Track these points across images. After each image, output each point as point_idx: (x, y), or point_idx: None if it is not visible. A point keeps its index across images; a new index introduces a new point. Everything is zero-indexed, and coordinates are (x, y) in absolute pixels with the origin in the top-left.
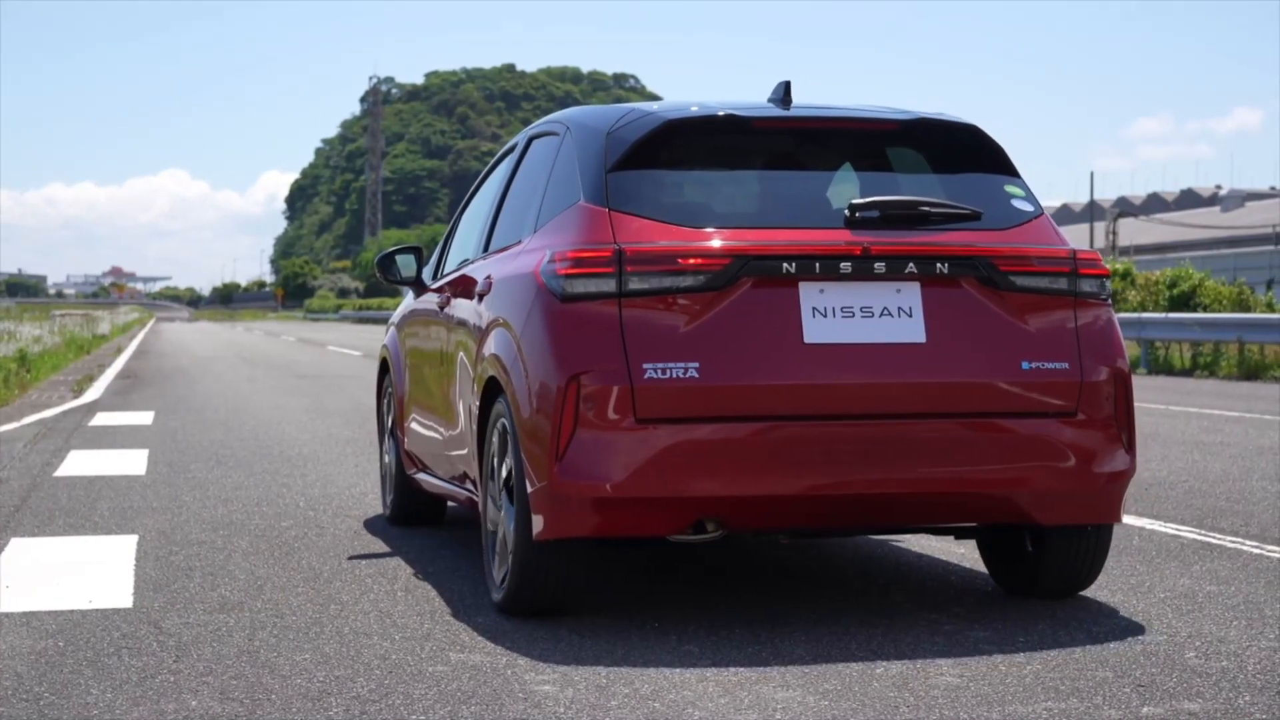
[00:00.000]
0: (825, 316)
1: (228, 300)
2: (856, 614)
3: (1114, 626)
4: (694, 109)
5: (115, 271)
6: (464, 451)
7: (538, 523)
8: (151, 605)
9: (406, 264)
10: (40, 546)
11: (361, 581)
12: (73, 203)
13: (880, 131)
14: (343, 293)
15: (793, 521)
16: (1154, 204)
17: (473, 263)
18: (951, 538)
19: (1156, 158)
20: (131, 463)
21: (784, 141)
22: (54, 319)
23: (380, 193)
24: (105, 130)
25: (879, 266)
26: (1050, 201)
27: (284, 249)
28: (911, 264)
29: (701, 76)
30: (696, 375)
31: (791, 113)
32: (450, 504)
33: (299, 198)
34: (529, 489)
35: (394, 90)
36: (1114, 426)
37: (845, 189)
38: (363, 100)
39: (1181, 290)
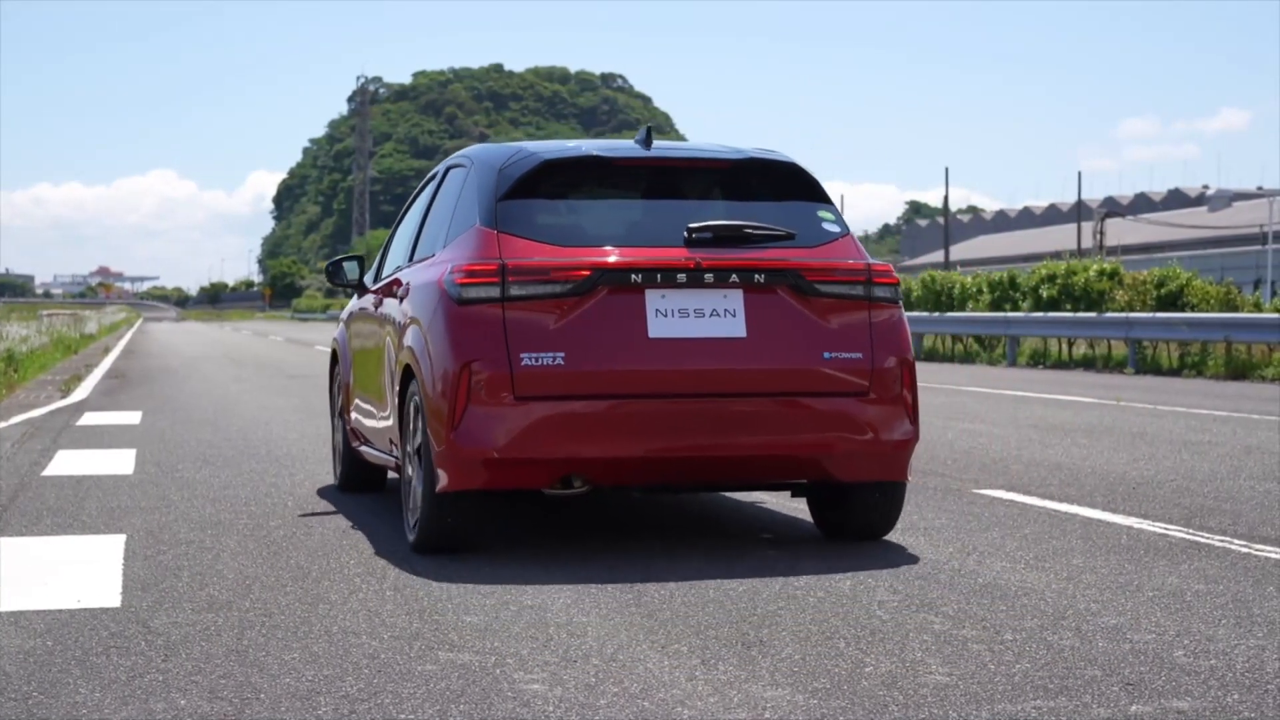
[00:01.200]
0: (666, 316)
1: (215, 300)
2: (845, 613)
3: (1102, 625)
4: (584, 148)
5: (103, 271)
6: (391, 425)
7: (440, 478)
8: (140, 605)
9: (351, 269)
10: (28, 546)
11: (350, 580)
12: (60, 203)
13: (718, 168)
14: (330, 293)
15: (642, 479)
16: (1141, 204)
17: (401, 270)
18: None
19: (1143, 158)
20: (119, 462)
21: (640, 176)
22: (41, 319)
23: (368, 192)
24: (93, 130)
25: (709, 277)
26: (1037, 202)
27: (271, 249)
28: (735, 275)
29: (690, 76)
30: (563, 363)
31: (648, 153)
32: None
33: (287, 197)
34: (434, 452)
35: (382, 90)
36: (901, 404)
37: (688, 215)
38: (350, 100)
39: (1169, 290)
